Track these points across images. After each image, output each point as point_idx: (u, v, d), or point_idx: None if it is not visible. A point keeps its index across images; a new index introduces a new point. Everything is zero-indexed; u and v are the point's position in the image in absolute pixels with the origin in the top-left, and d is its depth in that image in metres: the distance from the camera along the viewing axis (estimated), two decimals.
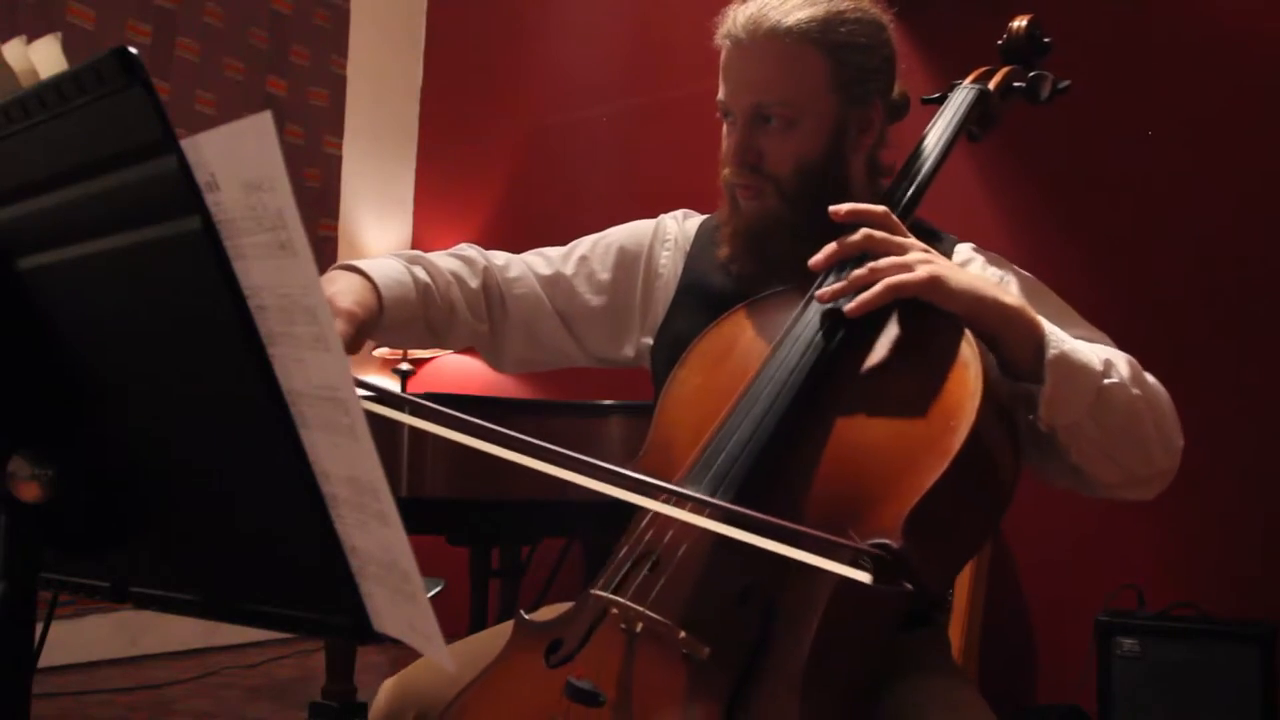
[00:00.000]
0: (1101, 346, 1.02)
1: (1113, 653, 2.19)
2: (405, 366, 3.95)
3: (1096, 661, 2.21)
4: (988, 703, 0.99)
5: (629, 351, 1.35)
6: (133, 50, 0.51)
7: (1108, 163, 2.66)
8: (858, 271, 0.98)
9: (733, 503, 0.89)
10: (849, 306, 0.96)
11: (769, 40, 1.10)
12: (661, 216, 1.36)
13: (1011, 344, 0.96)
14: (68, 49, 0.73)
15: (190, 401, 0.63)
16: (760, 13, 1.10)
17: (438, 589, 2.43)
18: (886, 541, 0.84)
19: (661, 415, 1.10)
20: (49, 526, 0.68)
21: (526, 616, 1.02)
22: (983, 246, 1.26)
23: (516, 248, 1.44)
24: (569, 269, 1.33)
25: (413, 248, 4.44)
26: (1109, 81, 2.66)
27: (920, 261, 0.97)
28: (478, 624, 2.36)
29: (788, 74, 1.10)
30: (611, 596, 0.93)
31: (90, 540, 0.72)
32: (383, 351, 3.94)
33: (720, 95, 1.16)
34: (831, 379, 0.97)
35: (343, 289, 1.10)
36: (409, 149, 4.45)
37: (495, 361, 1.37)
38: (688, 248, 1.31)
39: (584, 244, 1.36)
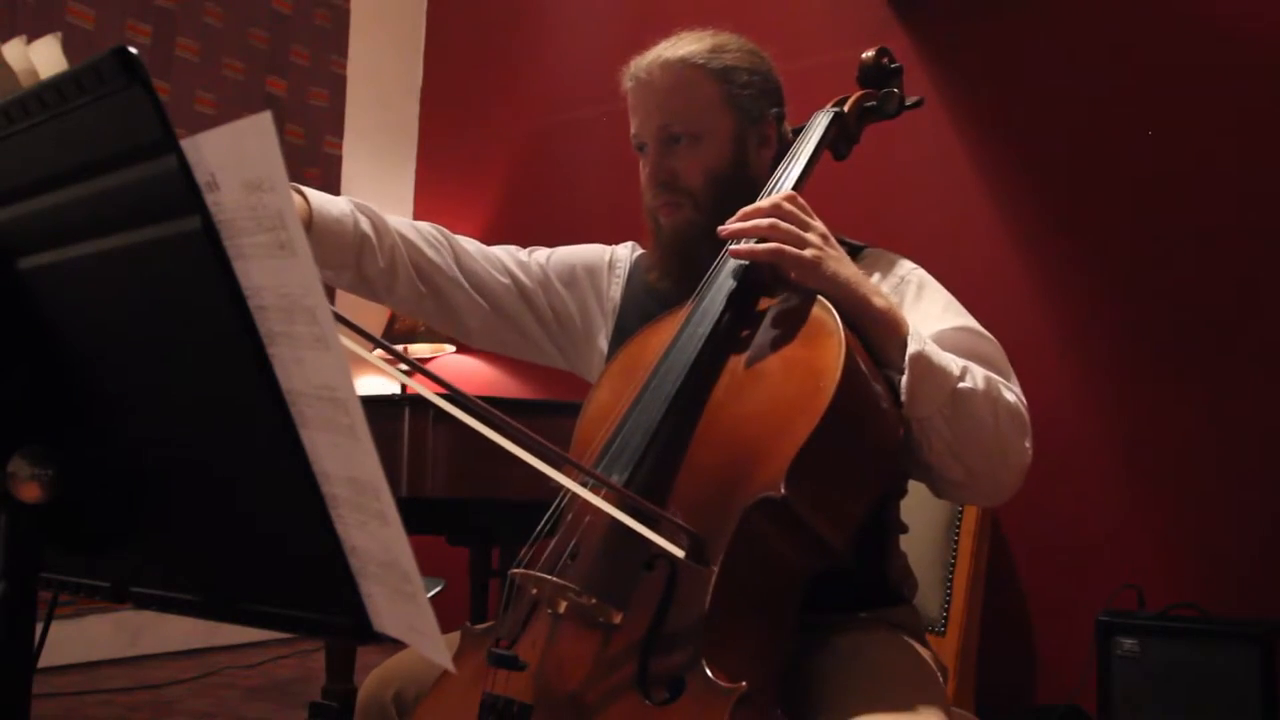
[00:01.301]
0: (969, 363, 1.09)
1: (1113, 653, 2.19)
2: (404, 368, 3.95)
3: (1096, 661, 2.21)
4: (976, 703, 1.03)
5: (587, 362, 1.44)
6: (133, 50, 0.51)
7: (1108, 163, 2.66)
8: (760, 221, 1.10)
9: (629, 479, 0.99)
10: (734, 246, 1.11)
11: (665, 71, 1.26)
12: (614, 246, 1.48)
13: (874, 338, 1.07)
14: (68, 49, 0.73)
15: (190, 401, 0.63)
16: (655, 54, 1.28)
17: (438, 589, 2.43)
18: (770, 494, 0.93)
19: (577, 433, 1.20)
20: (49, 526, 0.68)
21: (470, 625, 1.12)
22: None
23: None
24: (532, 270, 1.43)
25: None
26: (1109, 81, 2.66)
27: (812, 244, 1.09)
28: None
29: (685, 96, 1.25)
30: (525, 572, 1.00)
31: (90, 540, 0.72)
32: (380, 352, 3.94)
33: (633, 131, 1.30)
34: (718, 362, 1.08)
35: None
36: (409, 149, 4.44)
37: (460, 333, 1.44)
38: (628, 278, 1.42)
39: (540, 251, 1.47)
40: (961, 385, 1.05)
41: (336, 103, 4.21)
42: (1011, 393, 1.10)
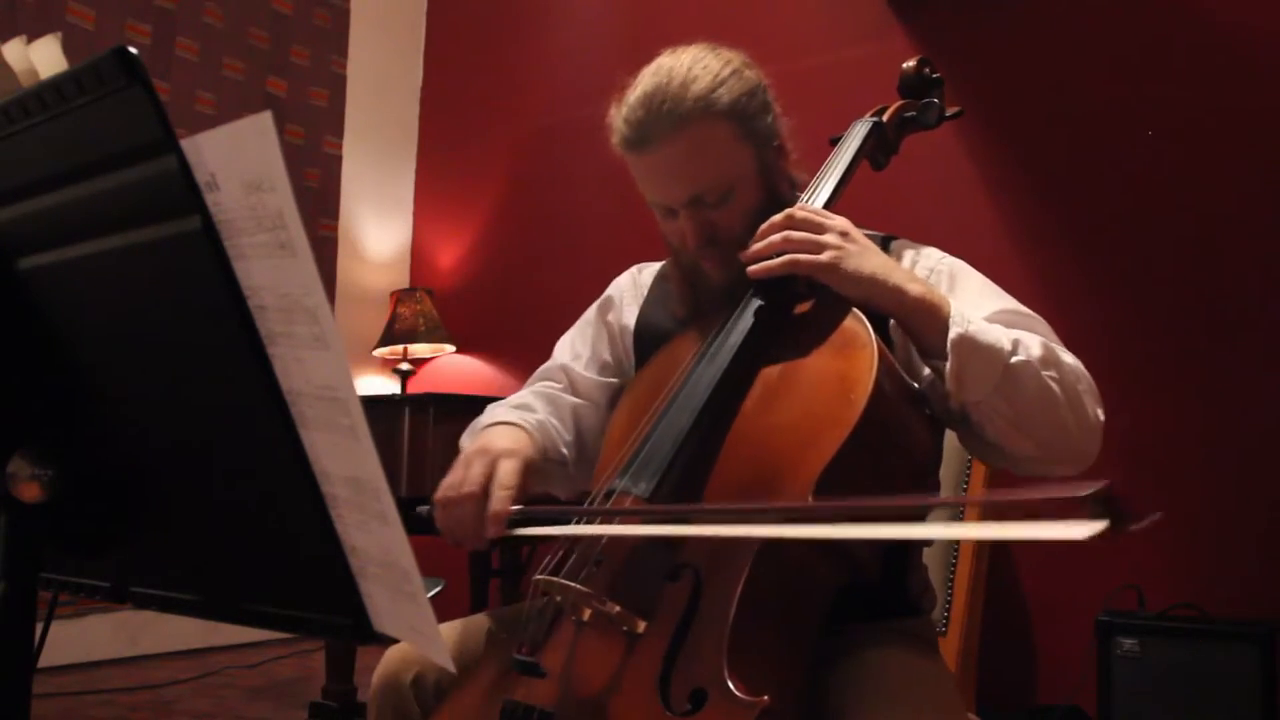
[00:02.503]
0: (1020, 333, 1.06)
1: (1113, 653, 2.19)
2: (405, 366, 3.95)
3: (1096, 661, 2.21)
4: (976, 703, 1.02)
5: None
6: (133, 50, 0.51)
7: (1107, 163, 2.66)
8: (773, 236, 1.09)
9: (656, 487, 0.99)
10: (751, 268, 1.09)
11: (677, 131, 1.14)
12: (616, 279, 1.44)
13: (913, 327, 1.05)
14: (68, 49, 0.73)
15: (190, 401, 0.63)
16: (651, 108, 1.15)
17: (438, 589, 2.42)
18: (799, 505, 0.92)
19: (605, 440, 1.19)
20: (49, 526, 0.68)
21: (494, 626, 1.12)
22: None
23: (517, 247, 1.46)
24: (585, 360, 1.38)
25: (412, 248, 4.43)
26: (1110, 81, 2.66)
27: (829, 245, 1.07)
28: None
29: (708, 155, 1.15)
30: (549, 578, 0.99)
31: (90, 540, 0.72)
32: (382, 351, 3.94)
33: (654, 198, 1.21)
34: (749, 373, 1.07)
35: (507, 446, 1.14)
36: (409, 149, 4.44)
37: (572, 481, 1.35)
38: (643, 295, 1.39)
39: (576, 336, 1.42)
40: (1014, 360, 1.01)
41: (336, 103, 4.21)
42: (1070, 355, 1.07)
